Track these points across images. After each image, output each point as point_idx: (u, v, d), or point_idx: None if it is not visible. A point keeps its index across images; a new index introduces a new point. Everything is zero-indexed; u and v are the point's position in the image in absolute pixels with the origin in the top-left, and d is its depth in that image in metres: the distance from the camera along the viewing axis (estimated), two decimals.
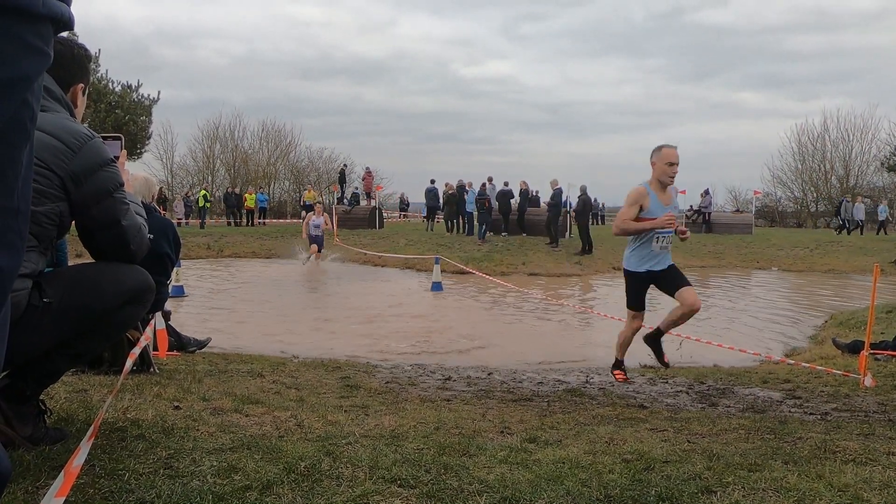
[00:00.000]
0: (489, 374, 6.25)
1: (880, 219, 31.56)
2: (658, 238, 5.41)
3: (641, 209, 5.43)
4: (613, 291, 16.23)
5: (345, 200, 32.29)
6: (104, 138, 2.35)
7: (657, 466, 2.50)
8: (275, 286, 15.50)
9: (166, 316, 6.50)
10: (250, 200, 33.07)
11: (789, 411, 4.49)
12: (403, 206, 46.76)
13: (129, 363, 3.12)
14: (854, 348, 7.02)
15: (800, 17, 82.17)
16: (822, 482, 2.33)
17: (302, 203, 34.44)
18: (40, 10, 1.20)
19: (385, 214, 34.14)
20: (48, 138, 2.09)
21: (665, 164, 5.38)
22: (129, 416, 2.83)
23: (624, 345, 5.81)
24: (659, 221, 5.33)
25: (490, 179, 25.95)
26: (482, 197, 23.60)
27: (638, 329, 5.74)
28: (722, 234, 28.83)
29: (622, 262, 5.74)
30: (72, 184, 2.12)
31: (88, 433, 1.95)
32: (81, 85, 2.41)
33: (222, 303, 12.75)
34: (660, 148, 5.48)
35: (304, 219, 23.28)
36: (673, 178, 5.46)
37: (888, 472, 2.48)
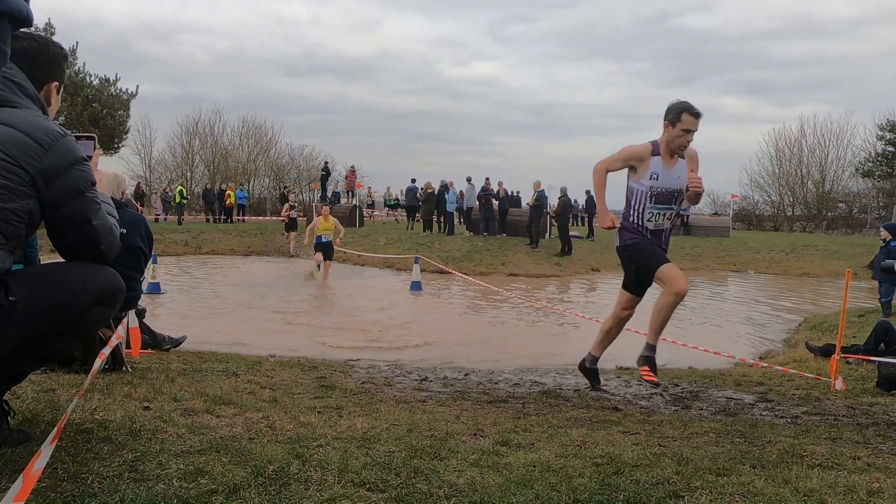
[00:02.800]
0: (466, 375, 6.25)
1: None
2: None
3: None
4: (592, 292, 16.33)
5: (327, 198, 32.14)
6: (77, 138, 2.31)
7: (627, 470, 2.52)
8: (253, 284, 15.39)
9: (141, 314, 6.42)
10: (232, 197, 32.76)
11: (761, 414, 4.54)
12: (393, 203, 45.67)
13: (97, 363, 3.08)
14: (826, 352, 7.13)
15: (782, 24, 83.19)
16: (788, 487, 2.36)
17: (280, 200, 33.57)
18: None
19: (368, 213, 33.98)
20: (19, 135, 2.06)
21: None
22: (96, 416, 2.79)
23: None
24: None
25: (469, 179, 26.02)
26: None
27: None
28: (700, 236, 29.12)
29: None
30: (42, 182, 2.09)
31: (51, 435, 1.92)
32: (56, 83, 2.37)
33: (199, 300, 12.64)
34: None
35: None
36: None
37: (853, 477, 2.52)
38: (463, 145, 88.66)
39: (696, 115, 4.66)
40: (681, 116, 4.65)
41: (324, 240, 15.90)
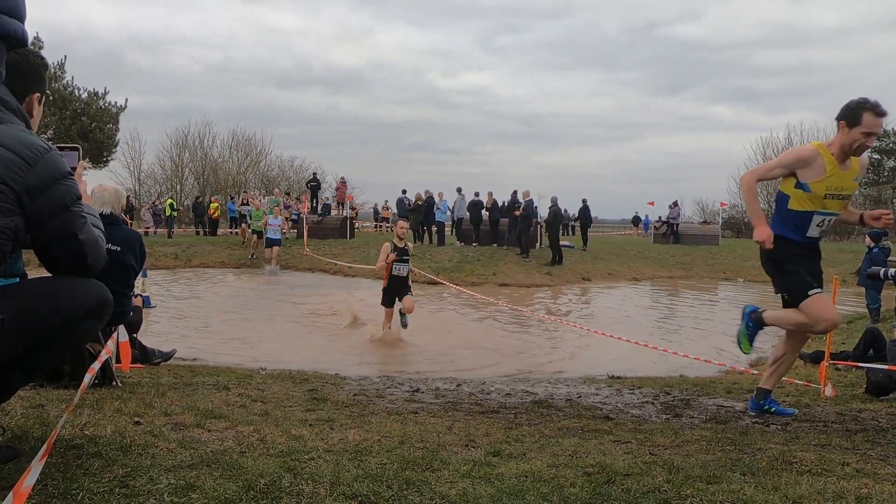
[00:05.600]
0: (458, 386, 6.25)
1: None
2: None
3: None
4: (583, 302, 16.37)
5: (318, 210, 32.08)
6: (61, 149, 2.31)
7: (618, 480, 2.53)
8: (244, 297, 15.34)
9: (136, 328, 6.42)
10: (218, 210, 32.49)
11: (751, 422, 4.56)
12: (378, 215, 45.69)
13: (87, 378, 3.06)
14: (816, 358, 7.17)
15: (768, 32, 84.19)
16: (778, 494, 2.38)
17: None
18: None
19: (357, 224, 33.95)
20: (3, 151, 2.04)
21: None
22: (86, 432, 2.77)
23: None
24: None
25: (459, 190, 26.03)
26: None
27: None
28: (690, 245, 29.26)
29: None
30: (27, 198, 2.08)
31: (41, 451, 1.91)
32: (37, 94, 2.36)
33: (189, 313, 12.58)
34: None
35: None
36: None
37: (842, 483, 2.54)
38: (452, 155, 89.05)
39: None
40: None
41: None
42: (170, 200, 33.01)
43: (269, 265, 20.65)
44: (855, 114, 4.12)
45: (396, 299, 9.99)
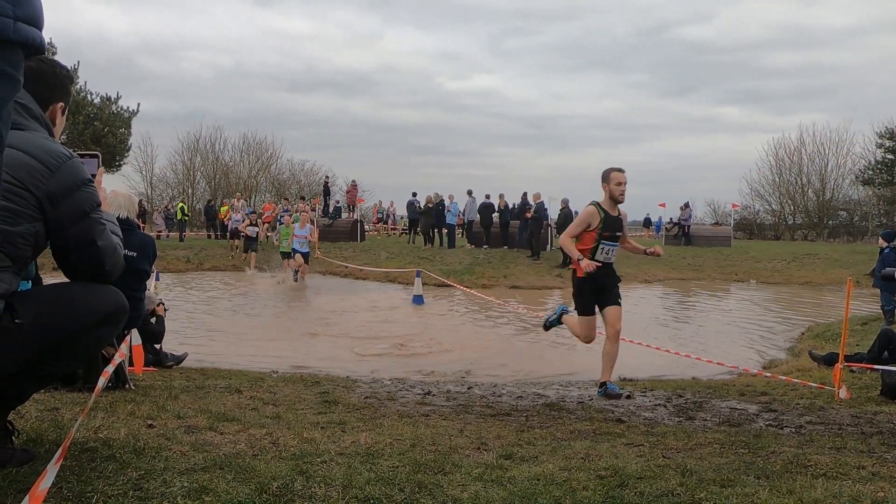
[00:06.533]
0: (469, 389, 6.25)
1: None
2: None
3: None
4: None
5: (328, 213, 32.19)
6: (81, 156, 2.33)
7: (631, 483, 2.52)
8: (256, 300, 15.40)
9: (159, 338, 6.47)
10: (224, 211, 32.50)
11: (764, 424, 4.53)
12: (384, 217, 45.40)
13: (101, 381, 3.08)
14: (830, 360, 7.11)
15: (778, 33, 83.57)
16: (793, 497, 2.36)
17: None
18: (11, 36, 1.19)
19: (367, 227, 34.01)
20: (26, 158, 2.07)
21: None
22: (100, 435, 2.79)
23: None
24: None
25: (470, 192, 26.02)
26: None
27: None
28: (701, 246, 29.09)
29: None
30: (49, 204, 2.10)
31: (57, 455, 1.92)
32: (61, 104, 2.40)
33: (200, 317, 12.64)
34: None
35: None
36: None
37: (857, 487, 2.51)
38: (461, 157, 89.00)
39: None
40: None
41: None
42: (181, 204, 33.21)
43: (289, 276, 18.31)
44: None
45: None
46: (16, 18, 1.21)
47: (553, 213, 23.92)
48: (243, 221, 22.84)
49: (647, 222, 47.68)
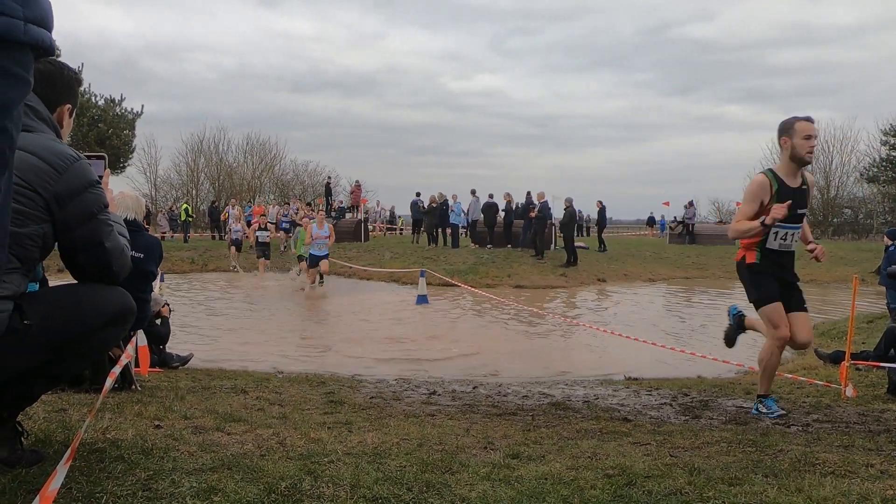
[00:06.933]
0: (474, 388, 6.24)
1: None
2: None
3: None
4: (599, 304, 16.31)
5: (332, 213, 32.22)
6: (88, 157, 2.34)
7: (639, 482, 2.51)
8: (261, 300, 15.42)
9: (164, 340, 6.49)
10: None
11: (771, 423, 4.52)
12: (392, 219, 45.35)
13: (108, 382, 3.09)
14: (836, 358, 7.09)
15: (782, 31, 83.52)
16: (802, 495, 2.35)
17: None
18: (21, 38, 1.20)
19: (371, 227, 34.04)
20: (34, 159, 2.08)
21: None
22: (108, 436, 2.80)
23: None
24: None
25: (473, 192, 26.03)
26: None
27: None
28: (706, 244, 29.04)
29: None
30: (56, 205, 2.11)
31: (66, 455, 1.93)
32: (69, 106, 2.41)
33: (205, 317, 12.66)
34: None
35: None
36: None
37: (866, 485, 2.50)
38: (463, 157, 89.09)
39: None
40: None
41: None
42: (185, 205, 33.29)
43: (305, 282, 17.16)
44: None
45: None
46: (26, 20, 1.21)
47: (557, 212, 23.94)
48: (246, 227, 22.70)
49: (650, 221, 47.63)
